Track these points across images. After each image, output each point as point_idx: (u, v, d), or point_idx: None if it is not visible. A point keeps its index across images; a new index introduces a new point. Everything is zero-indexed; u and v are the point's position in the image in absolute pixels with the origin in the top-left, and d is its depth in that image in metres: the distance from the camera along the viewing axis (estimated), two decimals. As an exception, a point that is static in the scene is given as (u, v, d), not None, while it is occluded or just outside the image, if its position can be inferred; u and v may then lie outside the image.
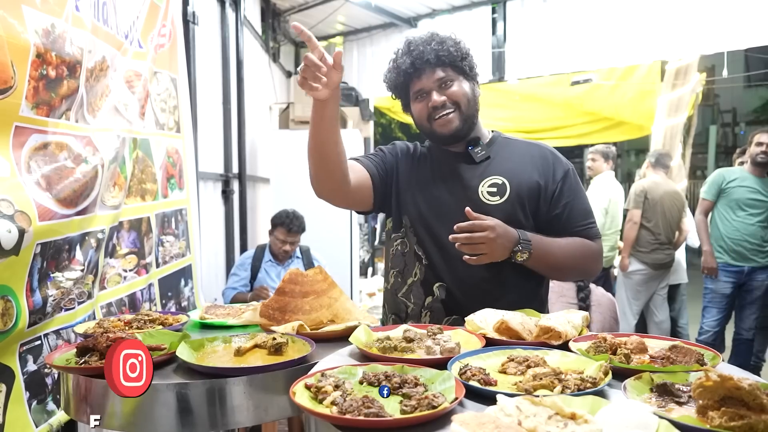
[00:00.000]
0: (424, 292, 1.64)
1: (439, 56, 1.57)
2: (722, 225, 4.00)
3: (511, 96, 6.90)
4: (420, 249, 1.64)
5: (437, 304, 1.61)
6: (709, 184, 4.11)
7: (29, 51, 1.55)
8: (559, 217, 1.61)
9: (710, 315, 4.08)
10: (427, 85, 1.59)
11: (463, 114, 1.61)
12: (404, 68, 1.60)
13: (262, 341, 1.31)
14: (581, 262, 1.62)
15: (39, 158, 1.67)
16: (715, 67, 6.92)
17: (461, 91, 1.60)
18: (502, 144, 1.71)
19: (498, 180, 1.61)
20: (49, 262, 1.73)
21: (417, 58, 1.57)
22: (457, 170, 1.65)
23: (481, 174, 1.63)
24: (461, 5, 5.66)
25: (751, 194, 3.93)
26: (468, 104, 1.61)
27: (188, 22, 3.29)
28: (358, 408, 0.86)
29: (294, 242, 3.57)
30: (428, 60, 1.57)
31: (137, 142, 2.38)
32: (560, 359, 1.12)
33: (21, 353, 1.65)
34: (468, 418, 0.77)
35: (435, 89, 1.59)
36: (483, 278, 1.57)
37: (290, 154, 4.71)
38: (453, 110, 1.59)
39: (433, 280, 1.62)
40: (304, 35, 1.35)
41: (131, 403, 1.15)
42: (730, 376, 0.80)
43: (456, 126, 1.60)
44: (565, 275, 1.67)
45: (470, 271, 1.56)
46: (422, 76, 1.59)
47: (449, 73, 1.59)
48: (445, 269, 1.60)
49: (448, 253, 1.58)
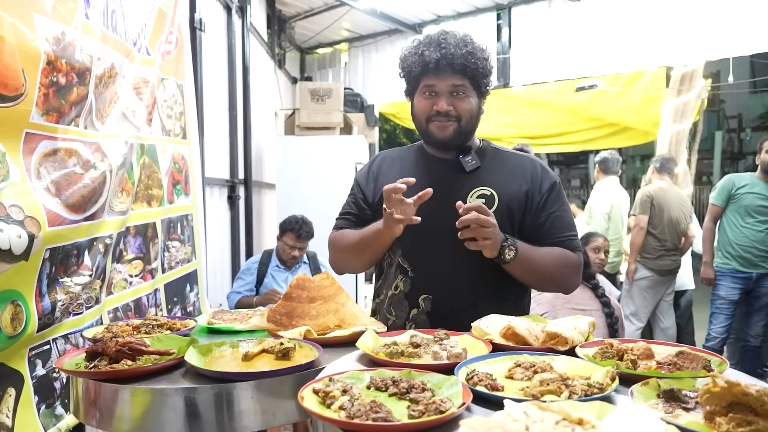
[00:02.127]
0: (408, 304, 1.62)
1: (465, 65, 1.54)
2: (731, 231, 3.97)
3: (516, 102, 6.91)
4: (405, 261, 1.63)
5: (422, 316, 1.60)
6: (718, 189, 4.08)
7: (40, 58, 1.57)
8: (542, 225, 1.61)
9: (718, 322, 4.05)
10: (440, 86, 1.57)
11: (461, 128, 1.60)
12: (427, 59, 1.55)
13: (270, 346, 1.31)
14: (561, 271, 1.60)
15: (49, 164, 1.69)
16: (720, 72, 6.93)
17: (468, 106, 1.59)
18: (491, 154, 1.69)
19: (486, 191, 1.60)
20: (57, 267, 1.74)
21: (444, 57, 1.53)
22: (445, 179, 1.63)
23: (470, 184, 1.62)
24: (466, 11, 5.68)
25: (761, 201, 3.90)
26: (469, 120, 1.61)
27: (195, 29, 3.32)
28: (366, 413, 0.86)
29: (302, 248, 3.58)
30: (453, 64, 1.54)
31: (144, 148, 2.39)
32: (567, 365, 1.13)
33: (30, 357, 1.66)
34: (476, 423, 0.77)
35: (446, 94, 1.57)
36: (469, 289, 1.58)
37: (296, 160, 4.73)
38: (453, 121, 1.58)
39: (419, 292, 1.60)
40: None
41: (140, 407, 1.16)
42: (737, 382, 0.80)
43: (449, 135, 1.59)
44: (545, 282, 1.64)
45: (457, 282, 1.58)
46: (440, 74, 1.55)
47: (466, 85, 1.57)
48: (432, 280, 1.59)
49: (436, 263, 1.59)
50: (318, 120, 4.84)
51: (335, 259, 1.75)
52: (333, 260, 1.76)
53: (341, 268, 1.75)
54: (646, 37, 4.77)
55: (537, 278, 1.61)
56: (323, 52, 6.98)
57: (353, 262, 1.71)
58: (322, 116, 4.84)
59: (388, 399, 0.97)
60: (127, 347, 1.25)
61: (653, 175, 4.66)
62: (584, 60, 5.14)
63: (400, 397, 0.97)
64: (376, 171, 1.73)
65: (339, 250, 1.72)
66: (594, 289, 2.62)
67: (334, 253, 1.74)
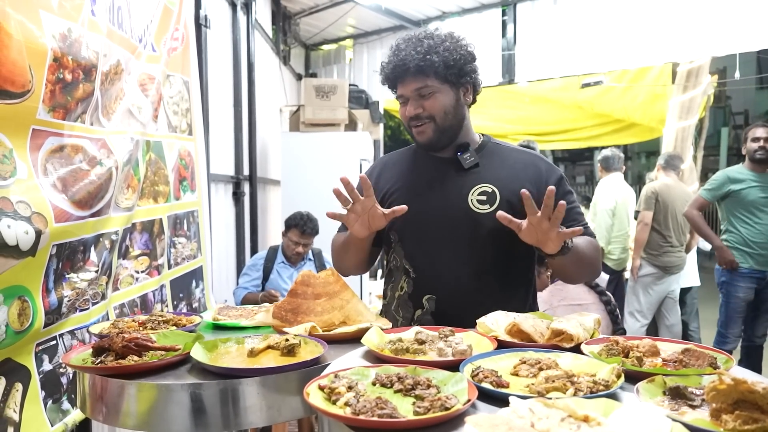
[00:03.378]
0: (413, 305, 1.62)
1: (420, 66, 1.53)
2: (745, 230, 3.81)
3: (521, 98, 6.90)
4: (408, 262, 1.62)
5: (427, 316, 1.59)
6: (713, 186, 3.92)
7: (47, 55, 1.58)
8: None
9: (736, 325, 3.88)
10: (406, 92, 1.58)
11: (438, 126, 1.57)
12: (387, 71, 1.59)
13: (275, 342, 1.31)
14: (595, 255, 1.59)
15: (55, 160, 1.70)
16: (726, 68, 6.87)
17: (438, 103, 1.56)
18: (491, 150, 1.67)
19: (488, 188, 1.58)
20: (64, 263, 1.75)
21: (400, 63, 1.55)
22: (445, 178, 1.62)
23: (470, 182, 1.60)
24: (471, 7, 5.67)
25: (763, 193, 3.79)
26: (444, 117, 1.57)
27: (200, 26, 3.32)
28: (371, 409, 0.86)
29: (307, 244, 3.59)
30: (409, 68, 1.53)
31: (150, 144, 2.40)
32: (572, 362, 1.12)
33: (37, 353, 1.67)
34: (481, 419, 0.77)
35: (412, 98, 1.57)
36: (473, 288, 1.57)
37: (300, 157, 4.73)
38: (427, 122, 1.57)
39: (422, 292, 1.60)
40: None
41: (146, 403, 1.17)
42: (743, 380, 0.80)
43: (428, 138, 1.58)
44: (584, 269, 1.59)
45: (460, 281, 1.57)
46: (403, 82, 1.57)
47: (429, 83, 1.55)
48: (435, 281, 1.59)
49: (439, 263, 1.58)
50: (323, 116, 4.84)
51: (334, 261, 1.79)
52: (333, 262, 1.80)
53: (339, 269, 1.76)
54: (651, 33, 4.74)
55: (580, 267, 1.56)
56: (328, 48, 6.97)
57: (343, 263, 1.74)
58: (326, 113, 4.84)
59: (394, 395, 0.97)
60: (133, 343, 1.26)
61: (659, 172, 4.65)
62: (589, 56, 5.11)
63: (405, 394, 0.97)
64: (377, 175, 1.73)
65: (334, 252, 1.77)
66: (587, 282, 2.64)
67: (332, 255, 1.79)
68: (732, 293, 3.87)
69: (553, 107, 7.09)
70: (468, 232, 1.58)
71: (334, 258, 1.78)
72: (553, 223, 1.35)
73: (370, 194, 1.49)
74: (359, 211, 1.50)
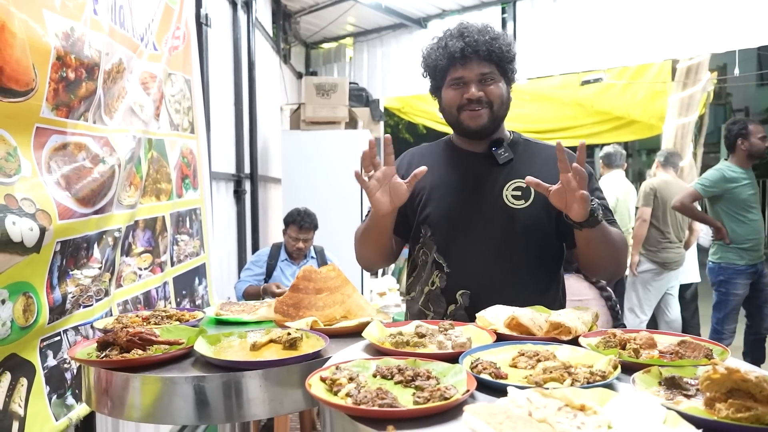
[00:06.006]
0: (446, 300, 1.61)
1: (491, 51, 1.54)
2: (741, 228, 3.85)
3: (521, 96, 6.89)
4: (441, 257, 1.62)
5: (461, 311, 1.59)
6: (710, 184, 3.92)
7: (50, 54, 1.59)
8: None
9: (733, 321, 3.96)
10: (468, 75, 1.56)
11: (493, 114, 1.59)
12: (452, 51, 1.55)
13: (277, 336, 1.33)
14: (622, 247, 1.56)
15: (59, 158, 1.71)
16: (726, 65, 6.89)
17: (499, 91, 1.58)
18: (523, 146, 1.69)
19: (522, 183, 1.57)
20: (68, 259, 1.77)
21: (469, 45, 1.54)
22: (479, 173, 1.63)
23: (504, 177, 1.61)
24: (471, 5, 5.67)
25: (751, 189, 3.85)
26: (501, 106, 1.60)
27: (201, 24, 3.33)
28: (372, 399, 0.88)
29: (307, 239, 3.60)
30: (479, 51, 1.54)
31: (152, 142, 2.42)
32: (570, 354, 1.14)
33: (41, 348, 1.69)
34: (480, 408, 0.79)
35: (475, 82, 1.56)
36: (508, 284, 1.57)
37: (301, 155, 4.75)
38: (485, 108, 1.58)
39: (456, 287, 1.60)
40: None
41: (150, 395, 1.19)
42: (737, 369, 0.82)
43: (483, 123, 1.58)
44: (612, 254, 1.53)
45: (495, 277, 1.57)
46: (467, 64, 1.55)
47: (494, 71, 1.57)
48: (468, 276, 1.59)
49: (472, 258, 1.58)
50: (323, 114, 4.85)
51: (357, 254, 1.75)
52: (355, 254, 1.76)
53: (361, 260, 1.74)
54: (651, 30, 4.75)
55: (607, 250, 1.51)
56: (328, 46, 6.98)
57: (365, 249, 1.70)
58: (327, 111, 4.85)
59: (394, 386, 0.99)
60: (137, 337, 1.27)
61: (657, 169, 4.67)
62: (589, 53, 5.12)
63: (405, 385, 0.99)
64: (405, 167, 1.70)
65: (356, 242, 1.73)
66: (588, 278, 2.65)
67: (355, 247, 1.75)
68: (731, 291, 3.92)
69: (552, 105, 7.09)
70: (503, 228, 1.58)
71: (357, 248, 1.73)
72: (581, 183, 1.33)
73: (391, 162, 1.49)
74: (380, 177, 1.48)
